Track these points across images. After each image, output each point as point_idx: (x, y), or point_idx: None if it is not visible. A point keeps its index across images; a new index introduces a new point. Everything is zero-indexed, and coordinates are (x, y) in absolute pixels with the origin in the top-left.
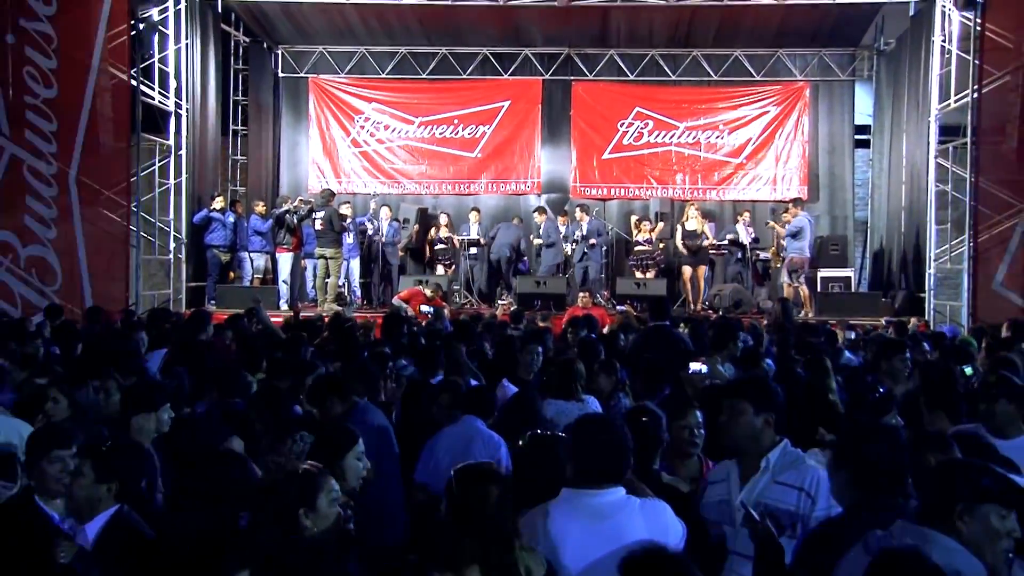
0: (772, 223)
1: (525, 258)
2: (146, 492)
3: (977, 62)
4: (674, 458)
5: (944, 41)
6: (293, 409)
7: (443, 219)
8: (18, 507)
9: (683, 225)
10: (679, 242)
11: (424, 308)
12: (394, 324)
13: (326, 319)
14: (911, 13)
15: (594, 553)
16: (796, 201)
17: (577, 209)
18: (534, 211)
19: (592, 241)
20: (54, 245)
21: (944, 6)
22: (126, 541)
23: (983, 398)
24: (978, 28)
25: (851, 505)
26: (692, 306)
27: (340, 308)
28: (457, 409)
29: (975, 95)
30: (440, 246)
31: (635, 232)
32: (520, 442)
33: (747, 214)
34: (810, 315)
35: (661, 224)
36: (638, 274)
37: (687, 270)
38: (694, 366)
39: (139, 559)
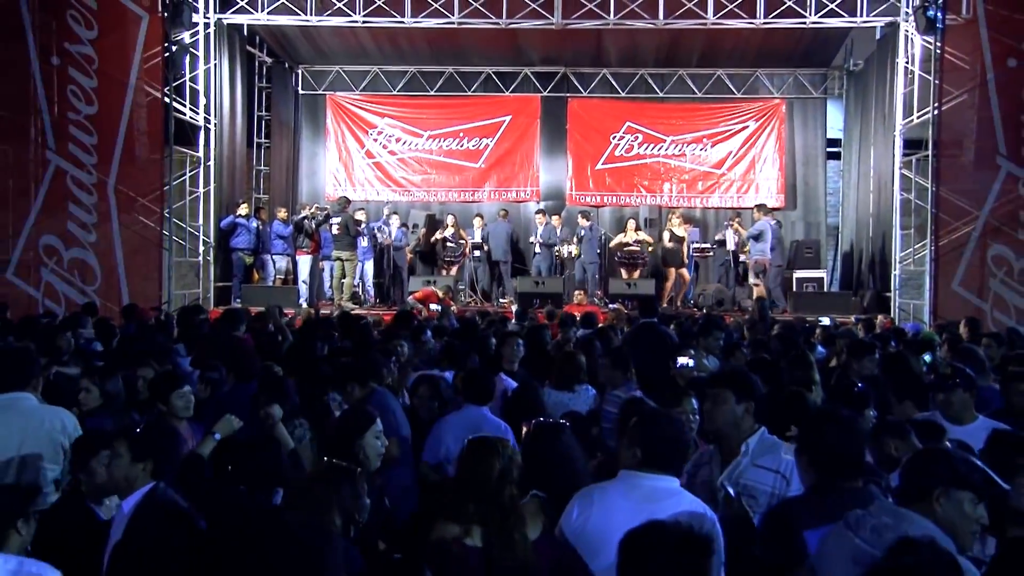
0: (736, 224)
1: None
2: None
3: (937, 82)
4: None
5: (907, 63)
6: (293, 398)
7: (450, 219)
8: (68, 506)
9: (671, 231)
10: (666, 244)
11: (433, 306)
12: (404, 320)
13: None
14: (877, 37)
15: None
16: (761, 207)
17: (579, 215)
18: (536, 213)
19: (592, 250)
20: (94, 248)
21: (907, 31)
22: (160, 516)
23: (940, 388)
24: (938, 51)
25: (811, 486)
26: (679, 304)
27: (351, 306)
28: (459, 397)
29: (935, 112)
30: (450, 245)
31: (624, 235)
32: (524, 428)
33: (738, 220)
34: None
35: (643, 234)
36: (625, 274)
37: (671, 272)
38: (681, 360)
39: (172, 532)
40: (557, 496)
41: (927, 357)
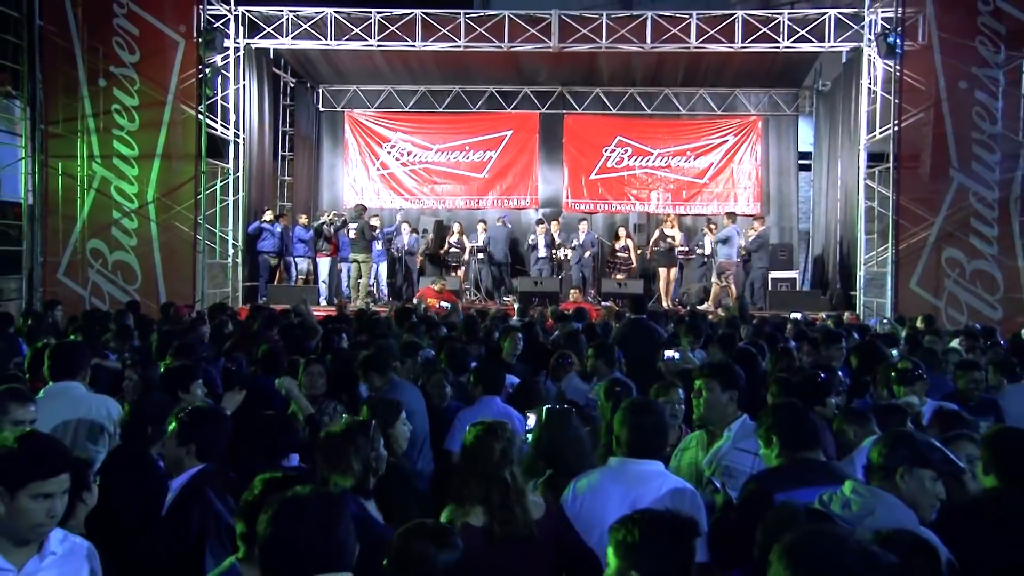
0: (706, 228)
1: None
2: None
3: (897, 101)
4: None
5: (870, 84)
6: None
7: (456, 227)
8: (131, 454)
9: (662, 231)
10: (654, 247)
11: (443, 304)
12: (403, 315)
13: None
14: (843, 60)
15: (626, 511)
16: (730, 215)
17: (582, 223)
18: (536, 222)
19: (587, 253)
20: (135, 251)
21: (870, 55)
22: (192, 499)
23: (904, 380)
24: (897, 74)
25: (780, 457)
26: (665, 302)
27: (367, 304)
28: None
29: (895, 128)
30: (453, 250)
31: (616, 240)
32: (530, 415)
33: (711, 227)
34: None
35: (631, 242)
36: (618, 276)
37: (662, 271)
38: (668, 354)
39: (205, 518)
40: (574, 472)
41: (894, 351)
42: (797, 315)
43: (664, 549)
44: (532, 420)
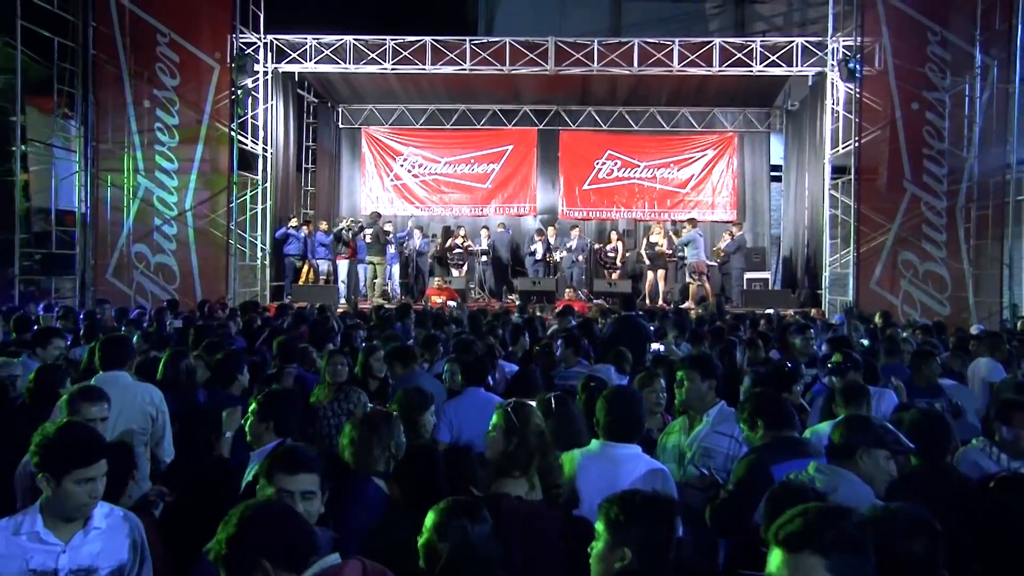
0: (671, 233)
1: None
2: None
3: (857, 120)
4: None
5: (834, 104)
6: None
7: (461, 231)
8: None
9: (647, 238)
10: (643, 251)
11: (450, 302)
12: (404, 311)
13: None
14: (810, 83)
15: (605, 489)
16: (691, 221)
17: (574, 229)
18: (536, 232)
19: (579, 257)
20: (174, 254)
21: (833, 79)
22: None
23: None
24: (857, 96)
25: (768, 442)
26: (648, 301)
27: (382, 301)
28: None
29: (856, 144)
30: (457, 251)
31: (606, 244)
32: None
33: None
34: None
35: (621, 245)
36: (611, 276)
37: (650, 274)
38: (654, 346)
39: None
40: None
41: (864, 341)
42: (770, 311)
43: (650, 526)
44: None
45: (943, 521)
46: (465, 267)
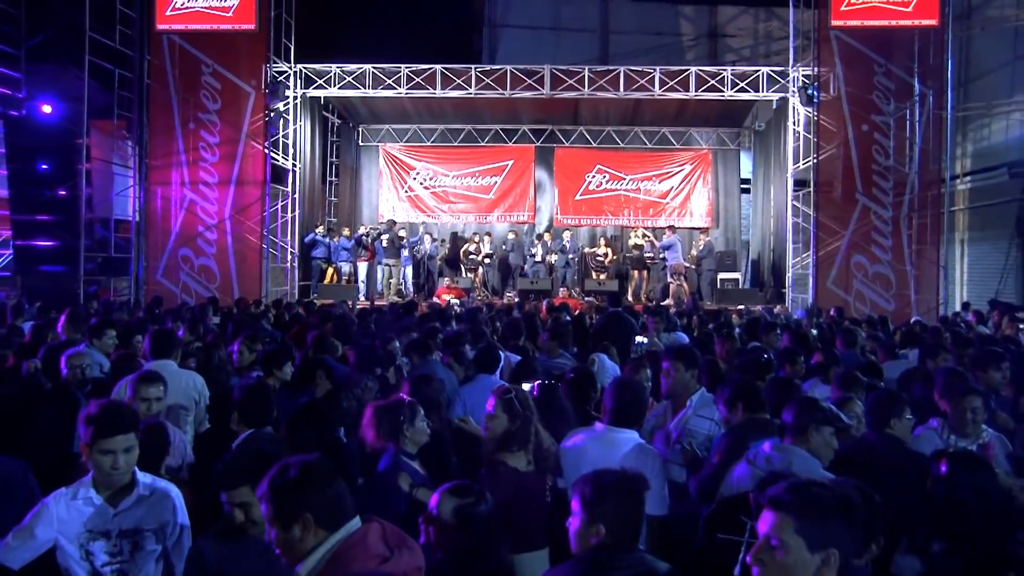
0: (650, 237)
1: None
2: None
3: (815, 140)
4: None
5: (795, 125)
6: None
7: (475, 237)
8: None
9: (631, 242)
10: (626, 252)
11: (455, 301)
12: (410, 307)
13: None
14: (774, 107)
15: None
16: (671, 227)
17: (565, 233)
18: (536, 236)
19: (571, 256)
20: (215, 257)
21: (794, 103)
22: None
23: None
24: (815, 118)
25: (745, 422)
26: (631, 298)
27: (396, 299)
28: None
29: (815, 161)
30: (471, 256)
31: (596, 247)
32: (528, 386)
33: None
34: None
35: (609, 250)
36: (596, 275)
37: (634, 274)
38: (638, 339)
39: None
40: (559, 435)
41: (815, 332)
42: (741, 307)
43: (621, 502)
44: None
45: (887, 484)
46: (479, 270)
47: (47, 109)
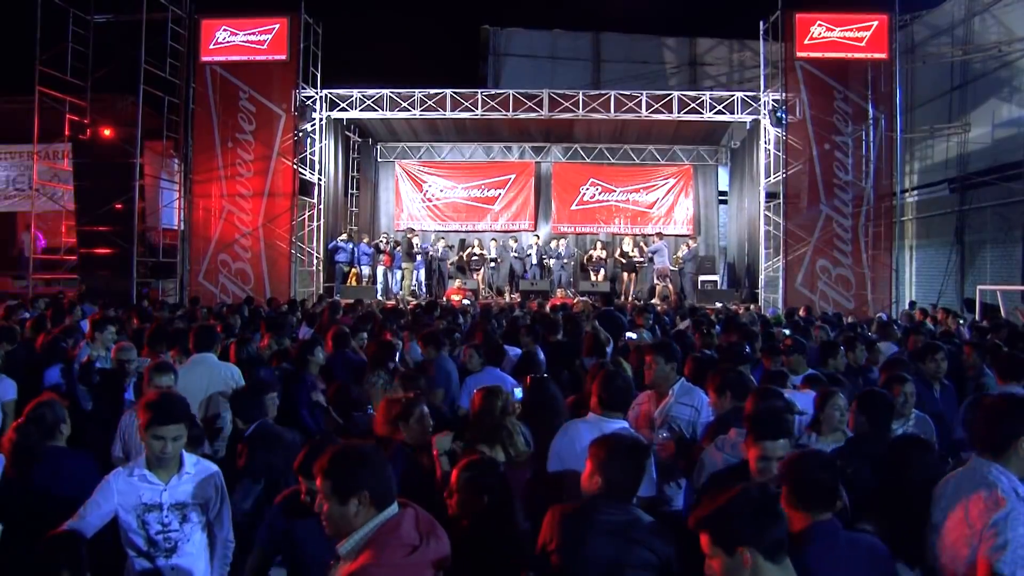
0: (640, 245)
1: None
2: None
3: (784, 157)
4: None
5: (766, 144)
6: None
7: (476, 242)
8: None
9: (621, 247)
10: (617, 257)
11: (465, 301)
12: (431, 307)
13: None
14: (748, 127)
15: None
16: (659, 234)
17: (560, 240)
18: (534, 242)
19: (565, 260)
20: (249, 262)
21: (765, 125)
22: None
23: (788, 351)
24: (784, 138)
25: (731, 409)
26: (621, 298)
27: (411, 299)
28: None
29: (784, 175)
30: (475, 258)
31: (592, 252)
32: (528, 380)
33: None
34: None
35: (601, 254)
36: (594, 277)
37: (624, 275)
38: (628, 335)
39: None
40: (550, 423)
41: (786, 331)
42: (719, 305)
43: (621, 462)
44: (519, 391)
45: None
46: (481, 272)
47: (107, 133)
